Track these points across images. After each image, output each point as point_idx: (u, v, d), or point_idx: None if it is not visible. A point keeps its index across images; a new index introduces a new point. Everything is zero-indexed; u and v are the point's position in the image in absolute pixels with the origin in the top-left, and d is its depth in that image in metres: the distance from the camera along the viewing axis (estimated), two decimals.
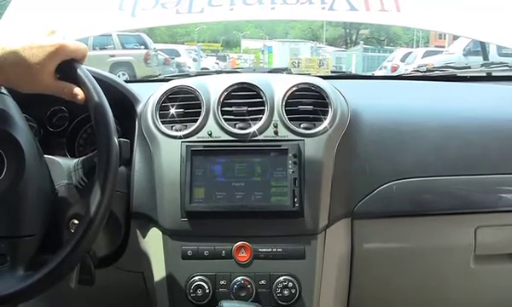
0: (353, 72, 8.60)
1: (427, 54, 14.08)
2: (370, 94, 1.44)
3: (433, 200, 1.16)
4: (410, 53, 15.75)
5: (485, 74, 1.68)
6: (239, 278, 1.06)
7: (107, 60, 11.38)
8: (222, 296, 1.06)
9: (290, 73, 1.58)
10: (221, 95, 1.13)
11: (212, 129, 1.10)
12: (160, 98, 1.15)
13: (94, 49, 11.32)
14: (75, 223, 0.94)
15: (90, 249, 0.95)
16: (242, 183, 1.07)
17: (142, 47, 12.85)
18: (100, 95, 0.86)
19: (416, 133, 1.18)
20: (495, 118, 1.24)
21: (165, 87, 1.16)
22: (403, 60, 14.48)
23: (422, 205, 1.15)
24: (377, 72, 12.16)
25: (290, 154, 1.07)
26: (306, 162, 1.07)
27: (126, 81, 1.33)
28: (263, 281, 1.07)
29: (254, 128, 1.10)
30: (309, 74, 1.52)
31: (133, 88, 1.21)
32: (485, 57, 2.19)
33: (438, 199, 1.16)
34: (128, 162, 1.09)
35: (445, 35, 17.47)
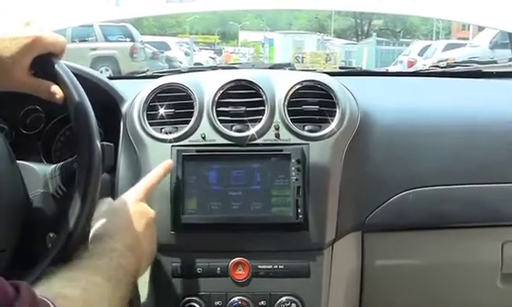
0: (364, 67, 8.62)
1: (448, 47, 14.08)
2: (383, 92, 1.44)
3: (453, 211, 1.16)
4: (429, 46, 15.74)
5: None
6: (236, 298, 1.07)
7: (88, 53, 11.39)
8: None
9: (293, 69, 1.59)
10: (216, 94, 1.14)
11: (206, 131, 1.11)
12: (148, 97, 1.15)
13: (73, 42, 11.30)
14: (51, 237, 0.95)
15: None
16: (240, 192, 1.08)
17: (128, 39, 12.84)
18: (80, 94, 0.86)
19: (434, 136, 1.19)
20: None
21: (153, 85, 1.17)
22: (421, 55, 14.48)
23: (441, 217, 1.16)
24: (392, 68, 12.20)
25: (293, 160, 1.07)
26: (311, 168, 1.08)
27: (110, 78, 1.34)
28: (263, 302, 1.07)
29: (253, 130, 1.10)
30: (314, 70, 1.53)
31: (118, 85, 1.22)
32: None
33: (459, 210, 1.16)
34: (112, 168, 1.09)
35: (468, 26, 17.51)
